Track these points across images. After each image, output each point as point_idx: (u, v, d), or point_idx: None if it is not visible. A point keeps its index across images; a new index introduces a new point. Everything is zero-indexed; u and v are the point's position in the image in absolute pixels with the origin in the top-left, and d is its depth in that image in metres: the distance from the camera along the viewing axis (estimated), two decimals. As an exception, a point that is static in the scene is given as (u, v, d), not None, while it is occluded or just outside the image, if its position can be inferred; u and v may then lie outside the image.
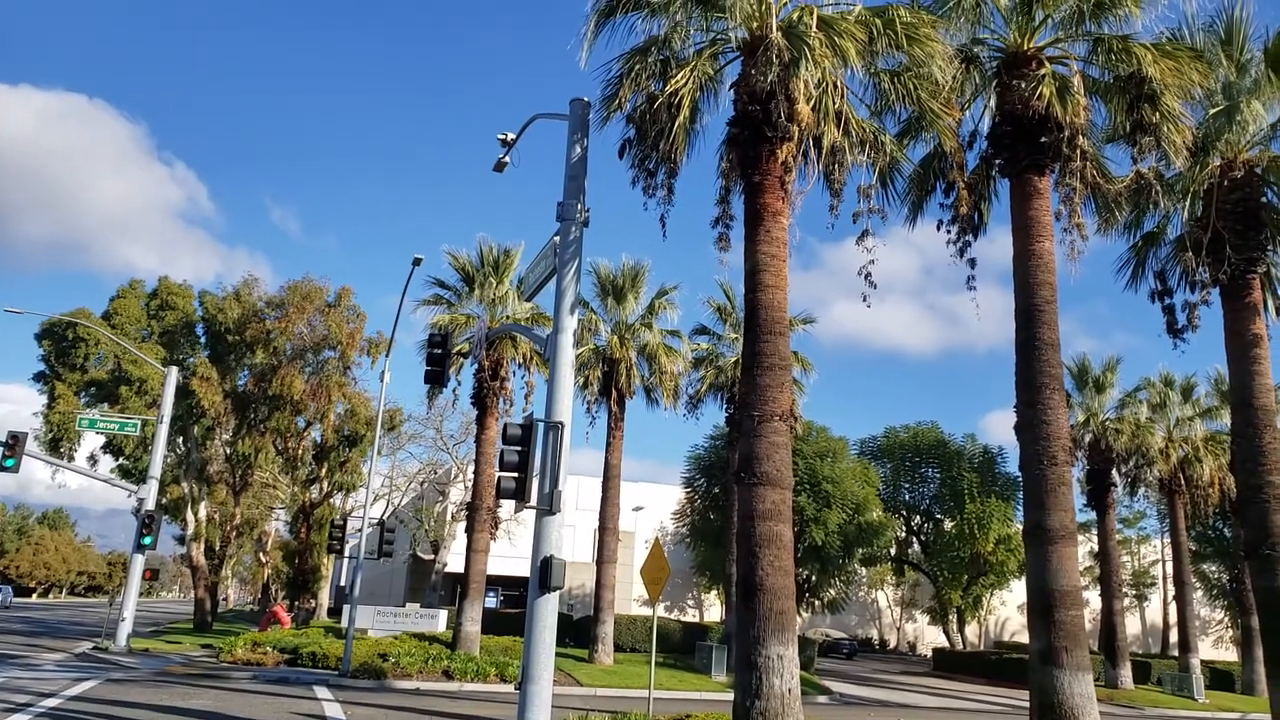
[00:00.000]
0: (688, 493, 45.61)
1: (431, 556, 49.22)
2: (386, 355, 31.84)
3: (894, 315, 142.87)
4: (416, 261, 25.00)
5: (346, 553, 30.09)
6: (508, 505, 27.83)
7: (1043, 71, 15.08)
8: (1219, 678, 40.36)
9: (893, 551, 47.85)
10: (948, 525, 44.00)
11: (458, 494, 48.25)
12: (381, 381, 27.81)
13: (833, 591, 43.62)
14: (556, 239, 13.15)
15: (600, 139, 14.91)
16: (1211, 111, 17.23)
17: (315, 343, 40.78)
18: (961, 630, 48.26)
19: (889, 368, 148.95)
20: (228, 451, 42.80)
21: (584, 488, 46.42)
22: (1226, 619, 57.90)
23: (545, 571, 11.40)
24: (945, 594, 44.66)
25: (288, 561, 45.84)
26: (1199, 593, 52.89)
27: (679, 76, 13.89)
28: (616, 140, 14.88)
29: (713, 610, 52.99)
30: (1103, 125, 16.33)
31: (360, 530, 28.28)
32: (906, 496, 45.83)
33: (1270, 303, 18.30)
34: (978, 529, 40.95)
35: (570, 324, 12.68)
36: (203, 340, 42.54)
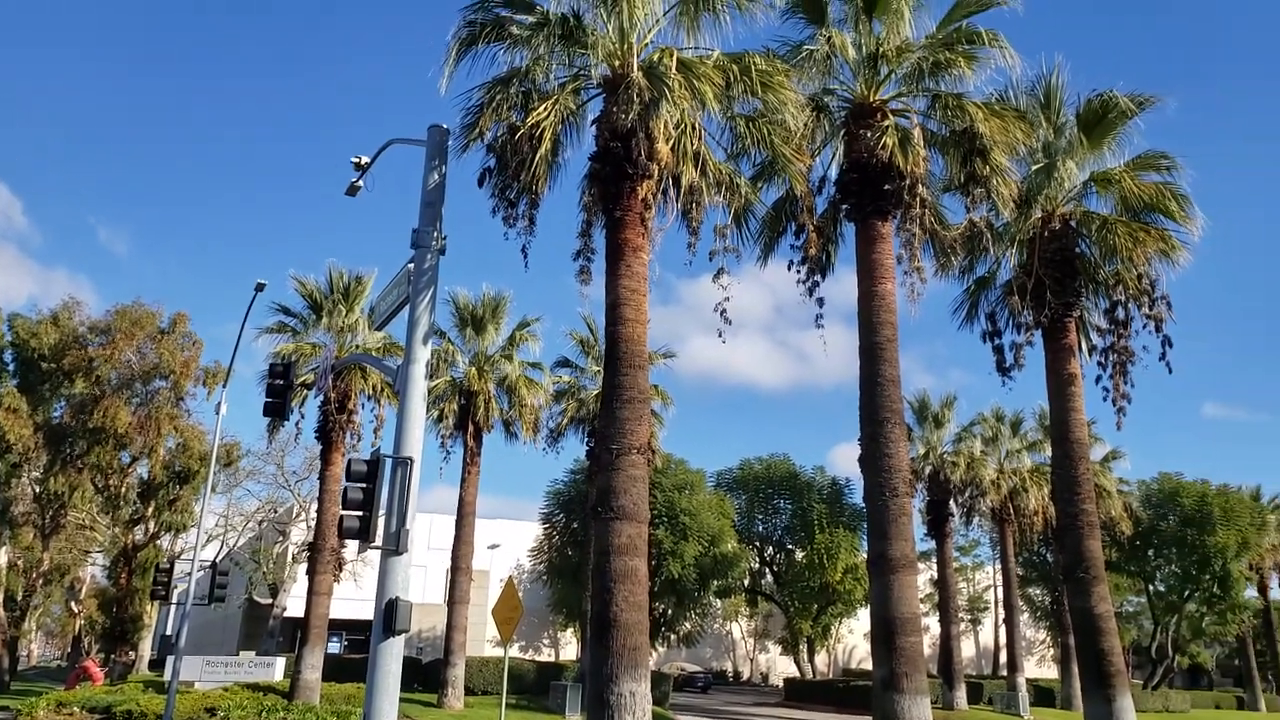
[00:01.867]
0: (546, 529, 45.11)
1: (269, 600, 46.58)
2: (224, 386, 30.14)
3: (748, 351, 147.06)
4: (259, 287, 23.88)
5: (174, 599, 28.08)
6: (353, 545, 26.68)
7: (887, 123, 15.93)
8: (1042, 694, 42.91)
9: (746, 582, 48.71)
10: (799, 555, 45.21)
11: (300, 534, 45.97)
12: (218, 414, 26.20)
13: (688, 624, 43.92)
14: (411, 266, 12.81)
15: (459, 167, 14.76)
16: (1034, 168, 18.64)
17: (145, 372, 38.15)
18: (812, 659, 49.49)
19: (743, 401, 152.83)
20: (37, 490, 39.17)
21: (437, 526, 45.21)
22: (1049, 639, 61.68)
23: (390, 614, 10.92)
24: (796, 624, 45.75)
25: (104, 611, 42.24)
26: (1025, 615, 56.26)
27: (541, 109, 13.90)
28: (477, 169, 14.75)
29: (569, 649, 52.41)
30: (940, 175, 17.38)
31: (190, 574, 26.49)
32: (760, 527, 46.82)
33: (1084, 344, 19.73)
34: (827, 559, 42.24)
35: (423, 355, 12.34)
36: (11, 368, 38.76)
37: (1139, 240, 17.77)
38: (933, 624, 45.94)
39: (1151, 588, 48.07)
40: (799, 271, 17.41)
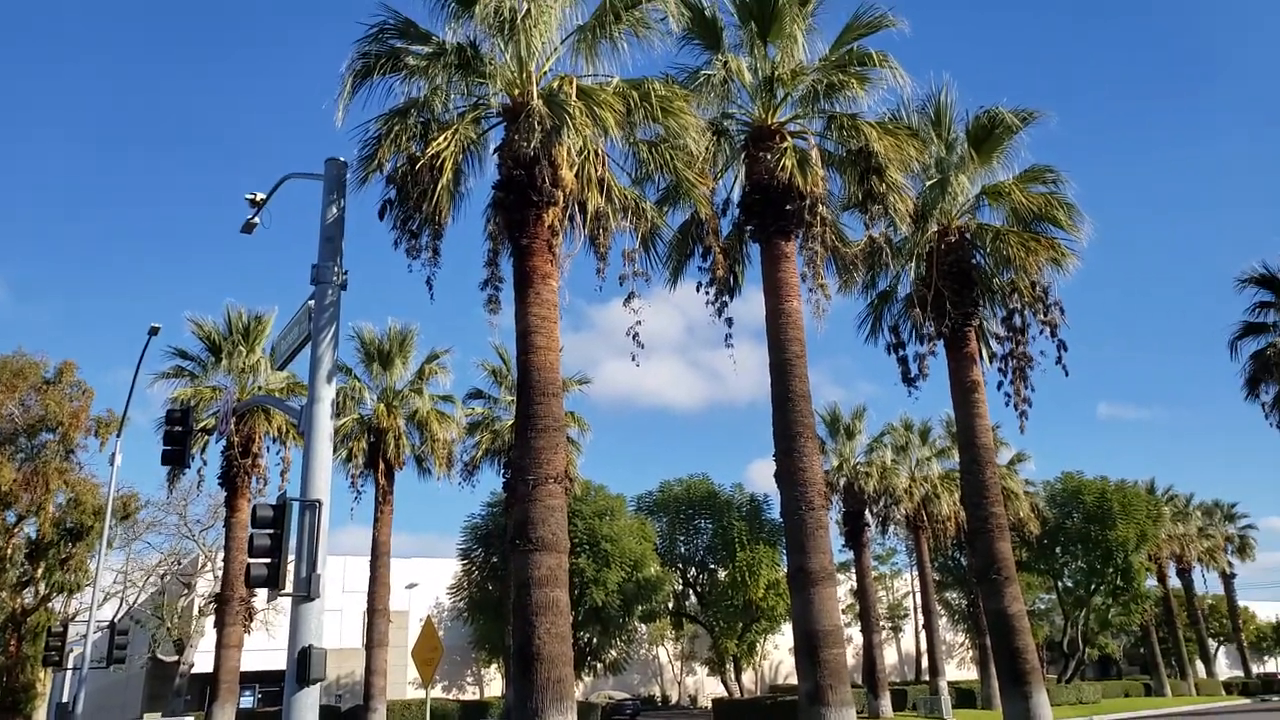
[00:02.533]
0: (465, 565, 44.22)
1: (175, 657, 44.33)
2: (118, 436, 28.77)
3: (661, 372, 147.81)
4: (153, 331, 23.02)
5: (69, 664, 26.50)
6: (263, 593, 25.78)
7: (785, 145, 16.26)
8: (963, 696, 43.87)
9: (671, 605, 48.61)
10: (721, 575, 45.32)
11: (206, 585, 44.01)
12: (112, 465, 25.06)
13: (614, 652, 43.54)
14: (311, 303, 12.46)
15: (359, 200, 14.45)
16: (928, 183, 19.26)
17: (30, 425, 36.19)
18: (739, 678, 49.58)
19: (660, 423, 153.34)
20: (-89, 557, 36.76)
21: (351, 568, 43.86)
22: (968, 641, 63.20)
23: (303, 663, 10.50)
24: (722, 643, 45.81)
25: (-10, 682, 39.72)
26: (944, 619, 57.56)
27: (441, 139, 13.75)
28: (377, 201, 14.48)
29: (494, 685, 51.36)
30: (839, 194, 17.81)
31: (86, 636, 25.07)
32: (682, 549, 46.80)
33: (984, 352, 20.39)
34: (749, 576, 42.47)
35: (328, 393, 11.98)
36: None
37: (1030, 249, 18.49)
38: (855, 634, 46.57)
39: (1060, 584, 49.76)
40: (708, 293, 17.60)
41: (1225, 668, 75.57)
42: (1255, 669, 74.18)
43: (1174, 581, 64.10)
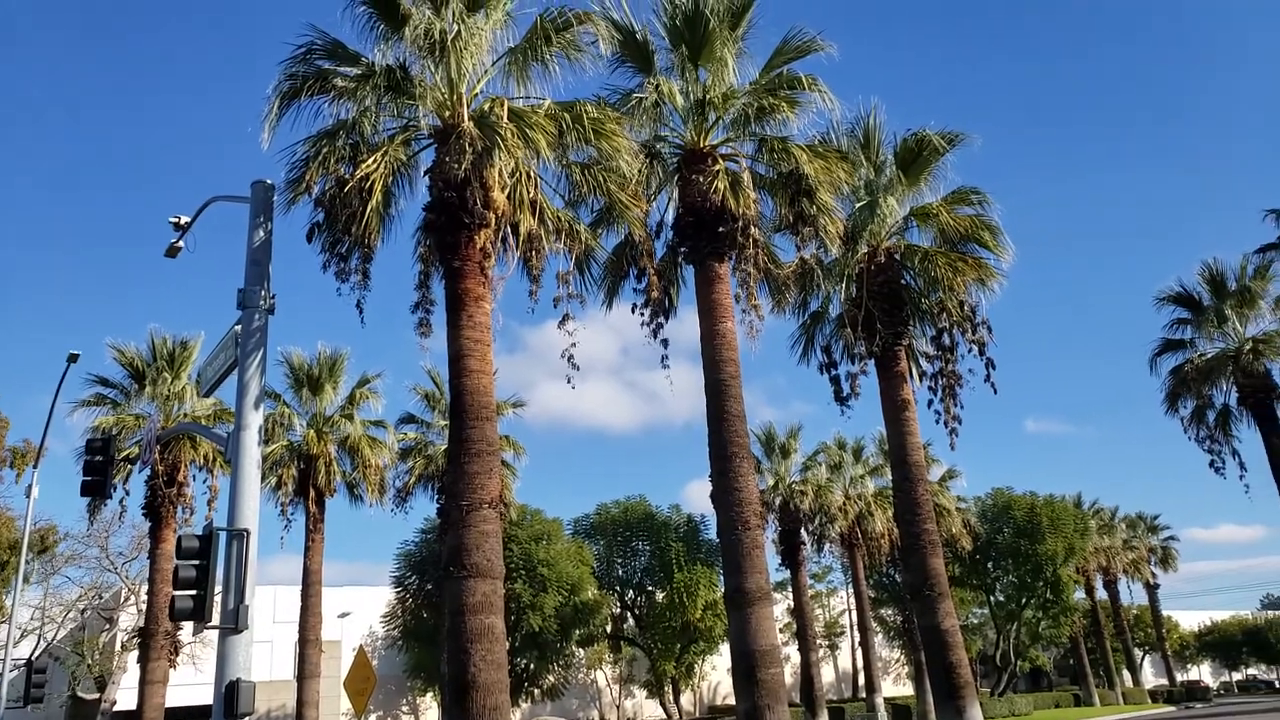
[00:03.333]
0: (399, 592, 43.37)
1: (97, 695, 42.56)
2: (35, 466, 27.64)
3: (597, 394, 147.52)
4: (72, 358, 22.25)
5: (-18, 705, 25.23)
6: (189, 627, 24.96)
7: (717, 167, 16.43)
8: (899, 712, 44.35)
9: (609, 629, 48.28)
10: (659, 596, 45.18)
11: (129, 619, 42.47)
12: (29, 497, 24.09)
13: (552, 678, 43.00)
14: (238, 328, 12.20)
15: (287, 222, 14.19)
16: (858, 205, 19.63)
17: (-62, 457, 34.64)
18: (677, 700, 49.36)
19: (596, 445, 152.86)
20: None
21: (282, 598, 42.72)
22: (903, 657, 63.98)
23: (231, 698, 10.20)
24: (660, 666, 45.59)
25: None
26: (880, 636, 58.15)
27: (370, 161, 13.59)
28: (305, 224, 14.24)
29: (430, 714, 50.35)
30: (771, 216, 18.03)
31: (2, 674, 23.95)
32: (620, 572, 46.55)
33: (915, 371, 20.78)
34: (687, 597, 42.40)
35: (255, 420, 11.70)
36: None
37: (958, 270, 18.93)
38: (793, 652, 46.81)
39: (992, 599, 50.68)
40: (643, 314, 17.63)
41: (1150, 676, 77.76)
42: (1179, 677, 76.44)
43: (1101, 593, 65.90)
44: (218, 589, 10.65)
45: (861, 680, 52.14)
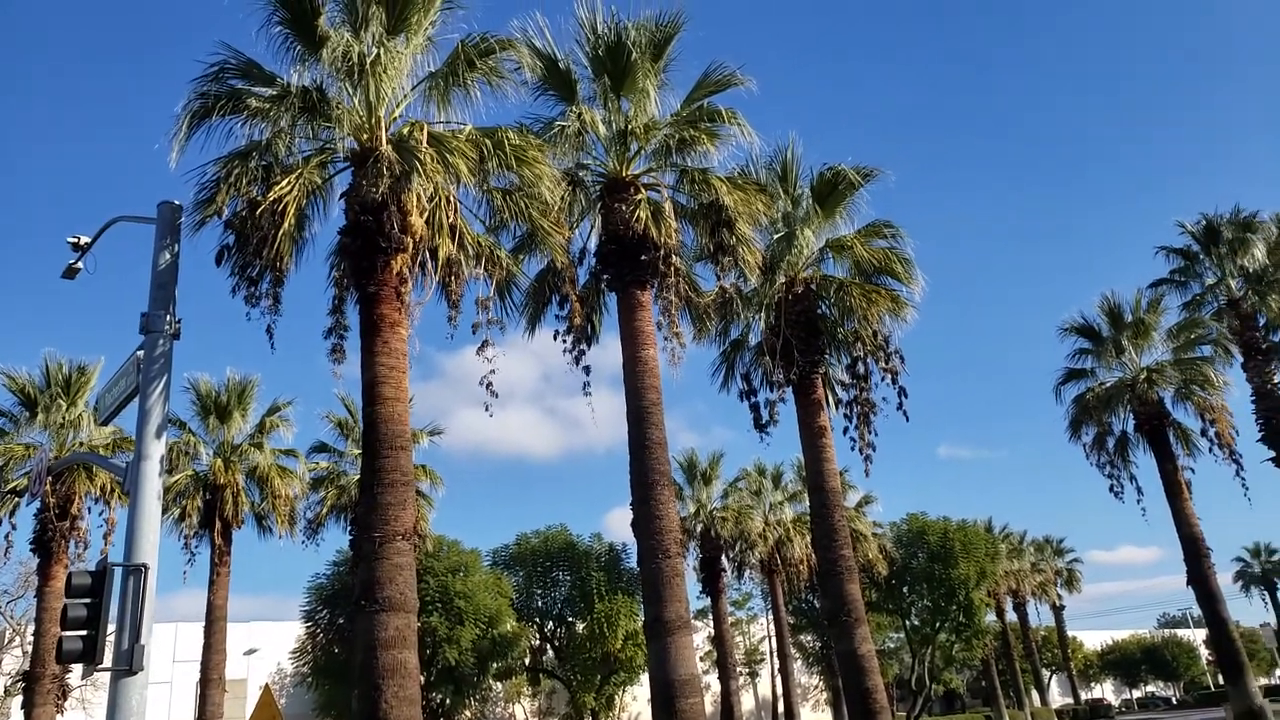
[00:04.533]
0: (309, 627, 41.97)
1: (-22, 743, 40.10)
2: (-86, 499, 26.01)
3: (517, 421, 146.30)
4: (-42, 384, 20.97)
5: None
6: (80, 669, 23.68)
7: (640, 197, 16.53)
8: (819, 739, 44.63)
9: (528, 661, 47.53)
10: (579, 627, 44.72)
11: (13, 662, 40.12)
12: (-94, 532, 22.60)
13: (468, 713, 42.08)
14: (140, 354, 11.68)
15: (195, 245, 13.71)
16: (776, 236, 19.95)
17: None
18: (597, 732, 48.80)
19: (517, 473, 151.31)
20: None
21: (184, 635, 40.99)
22: (822, 683, 64.53)
23: (125, 744, 9.64)
24: (579, 698, 45.01)
25: None
26: (799, 662, 58.55)
27: (284, 183, 13.24)
28: (214, 246, 13.78)
29: (341, 753, 48.68)
30: (692, 245, 18.19)
31: None
32: (539, 603, 45.94)
33: (831, 399, 21.10)
34: (607, 627, 42.04)
35: (157, 449, 11.19)
36: None
37: (872, 300, 19.34)
38: (713, 681, 46.77)
39: (908, 623, 51.51)
40: (565, 341, 17.53)
41: (1057, 695, 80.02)
42: (1084, 695, 78.87)
43: (1011, 615, 67.69)
44: (110, 628, 10.10)
45: (781, 707, 52.33)
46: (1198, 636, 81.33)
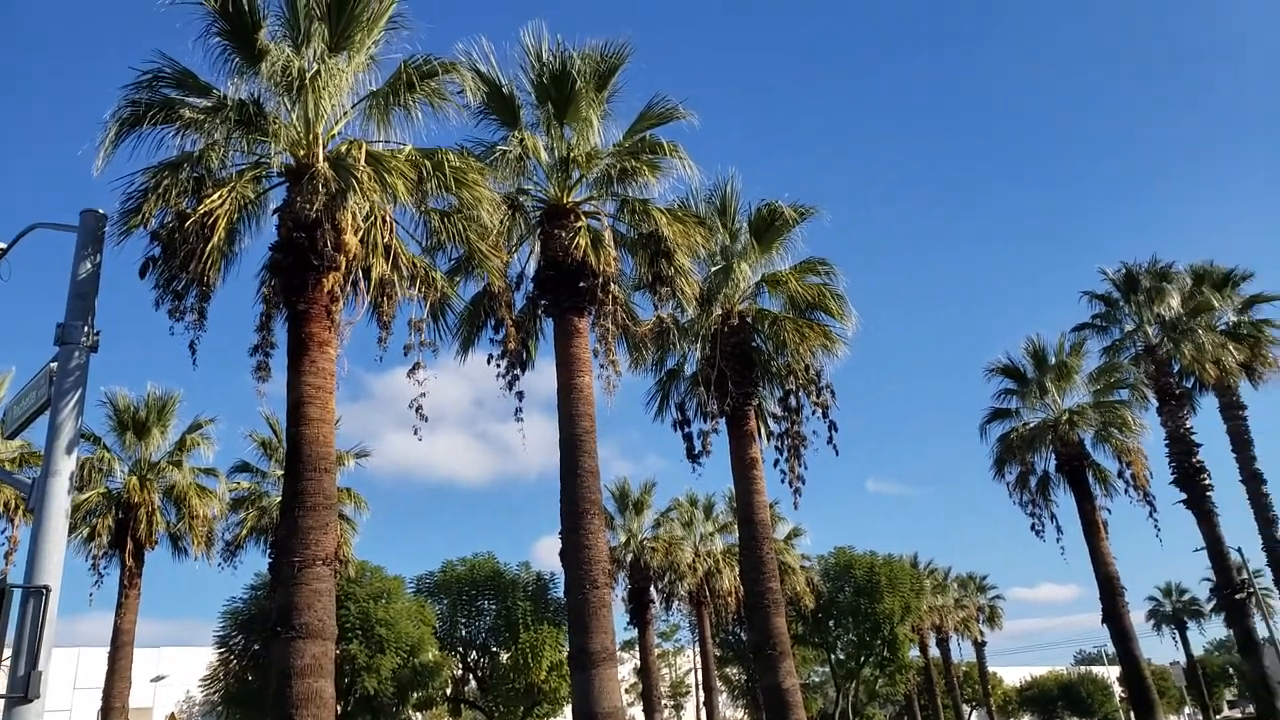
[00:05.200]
0: (222, 653, 40.55)
1: None
2: None
3: (447, 445, 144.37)
4: None
5: None
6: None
7: (580, 224, 16.54)
8: (743, 773, 44.48)
9: (449, 691, 46.61)
10: (503, 657, 44.05)
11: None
12: None
13: (387, 743, 41.04)
14: (54, 365, 11.22)
15: (118, 255, 13.30)
16: (713, 269, 20.16)
17: None
18: (519, 765, 47.97)
19: (445, 498, 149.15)
20: None
21: (86, 661, 39.31)
22: (746, 716, 64.45)
23: (17, 777, 9.14)
24: (502, 729, 44.27)
25: None
26: (725, 695, 58.45)
27: (215, 196, 12.94)
28: (139, 257, 13.38)
29: (251, 785, 46.97)
30: (631, 275, 18.25)
31: None
32: (463, 632, 45.18)
33: (763, 431, 21.28)
34: (531, 658, 41.48)
35: (67, 465, 10.72)
36: None
37: (805, 335, 19.63)
38: (638, 714, 46.39)
39: (833, 657, 51.88)
40: (499, 365, 17.38)
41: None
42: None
43: (934, 651, 68.60)
44: (6, 653, 9.60)
45: (705, 740, 52.06)
46: (1112, 674, 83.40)
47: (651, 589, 41.72)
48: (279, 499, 30.58)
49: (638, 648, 44.83)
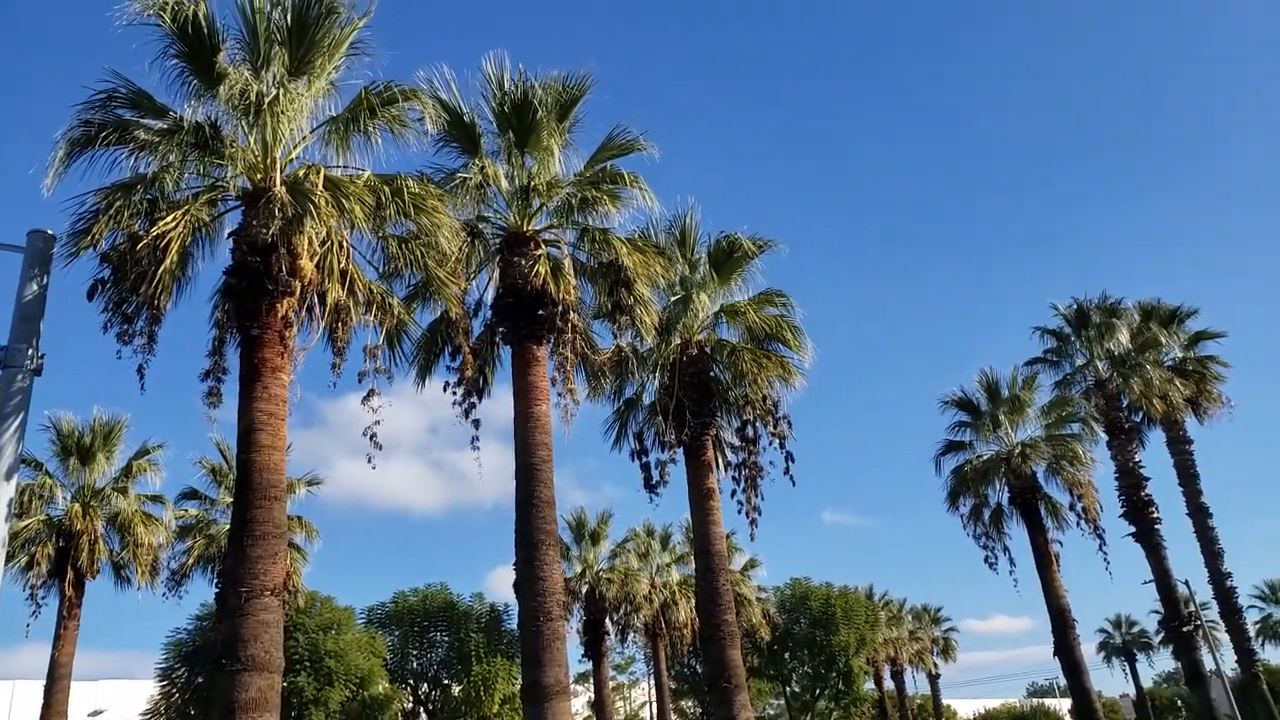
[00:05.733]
0: (164, 686, 39.41)
1: None
2: None
3: (401, 473, 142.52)
4: None
5: None
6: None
7: (540, 252, 16.56)
8: (698, 808, 44.06)
9: (400, 725, 45.71)
10: (455, 690, 43.35)
11: None
12: None
13: (334, 779, 40.07)
14: (-4, 389, 10.92)
15: (66, 277, 13.02)
16: (673, 299, 20.28)
17: None
18: (470, 800, 47.05)
19: (398, 527, 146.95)
20: None
21: (21, 694, 38.02)
22: (702, 750, 63.93)
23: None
24: (453, 764, 43.45)
25: None
26: (679, 728, 57.97)
27: (169, 218, 12.77)
28: (87, 279, 13.12)
29: (192, 823, 45.48)
30: (591, 303, 18.27)
31: None
32: (415, 664, 44.43)
33: (720, 461, 21.31)
34: (484, 691, 40.88)
35: (5, 492, 10.36)
36: None
37: (762, 366, 19.74)
38: (593, 747, 45.73)
39: (788, 689, 51.78)
40: (455, 393, 17.25)
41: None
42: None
43: (888, 683, 68.76)
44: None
45: (660, 774, 51.52)
46: (1063, 706, 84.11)
47: (607, 620, 41.40)
48: (228, 527, 30.08)
49: (592, 680, 44.36)
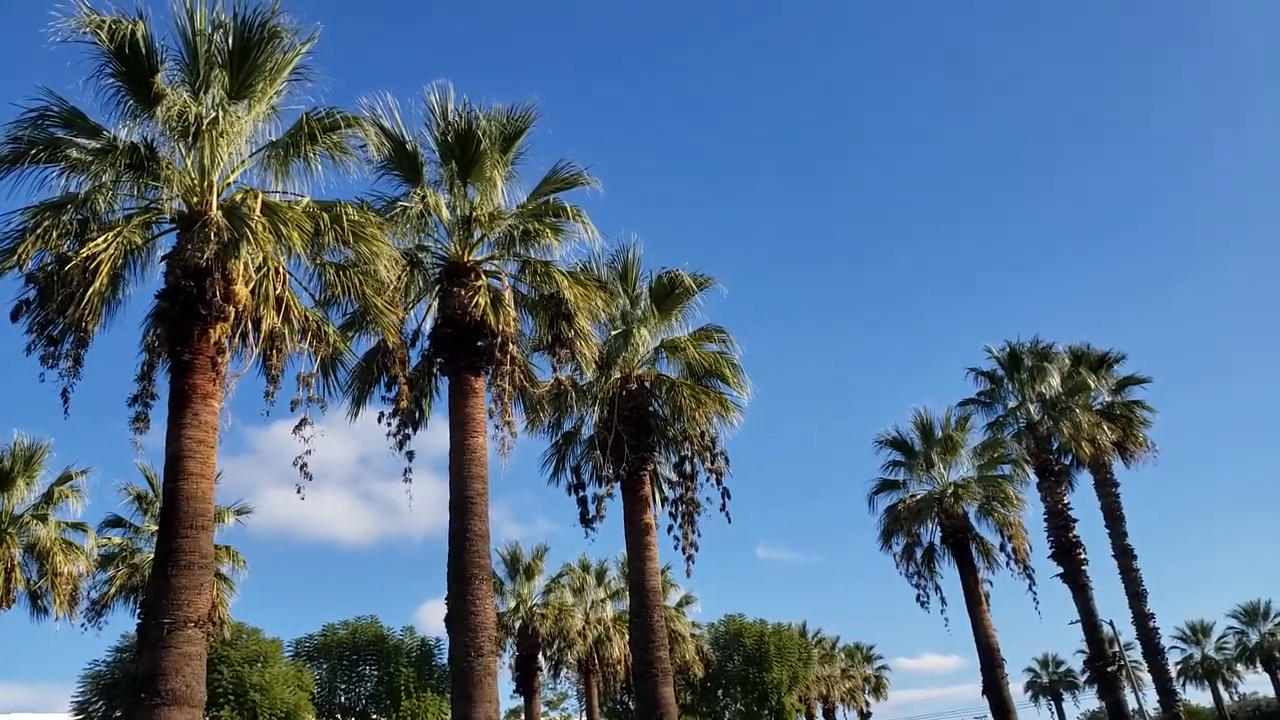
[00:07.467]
0: (80, 720, 37.92)
1: None
2: None
3: (330, 503, 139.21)
4: None
5: None
6: None
7: (480, 283, 16.53)
8: None
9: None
10: (385, 726, 42.42)
11: None
12: None
13: (255, 820, 38.76)
14: (-94, 410, 10.56)
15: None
16: (613, 333, 20.36)
17: None
18: (396, 841, 45.83)
19: (327, 558, 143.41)
20: None
21: (-75, 730, 36.06)
22: (635, 788, 63.25)
23: None
24: (380, 803, 42.37)
25: None
26: (612, 766, 57.28)
27: (100, 240, 12.55)
28: (11, 299, 12.81)
29: None
30: (531, 335, 18.24)
31: None
32: (343, 698, 43.40)
33: (658, 496, 21.35)
34: (414, 727, 40.09)
35: (-87, 517, 10.04)
36: None
37: (701, 401, 19.89)
38: (525, 786, 44.93)
39: (722, 726, 51.55)
40: (389, 424, 17.04)
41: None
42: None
43: (820, 720, 68.92)
44: None
45: (592, 813, 50.82)
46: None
47: (540, 656, 40.94)
48: (152, 556, 29.14)
49: (524, 717, 43.72)
